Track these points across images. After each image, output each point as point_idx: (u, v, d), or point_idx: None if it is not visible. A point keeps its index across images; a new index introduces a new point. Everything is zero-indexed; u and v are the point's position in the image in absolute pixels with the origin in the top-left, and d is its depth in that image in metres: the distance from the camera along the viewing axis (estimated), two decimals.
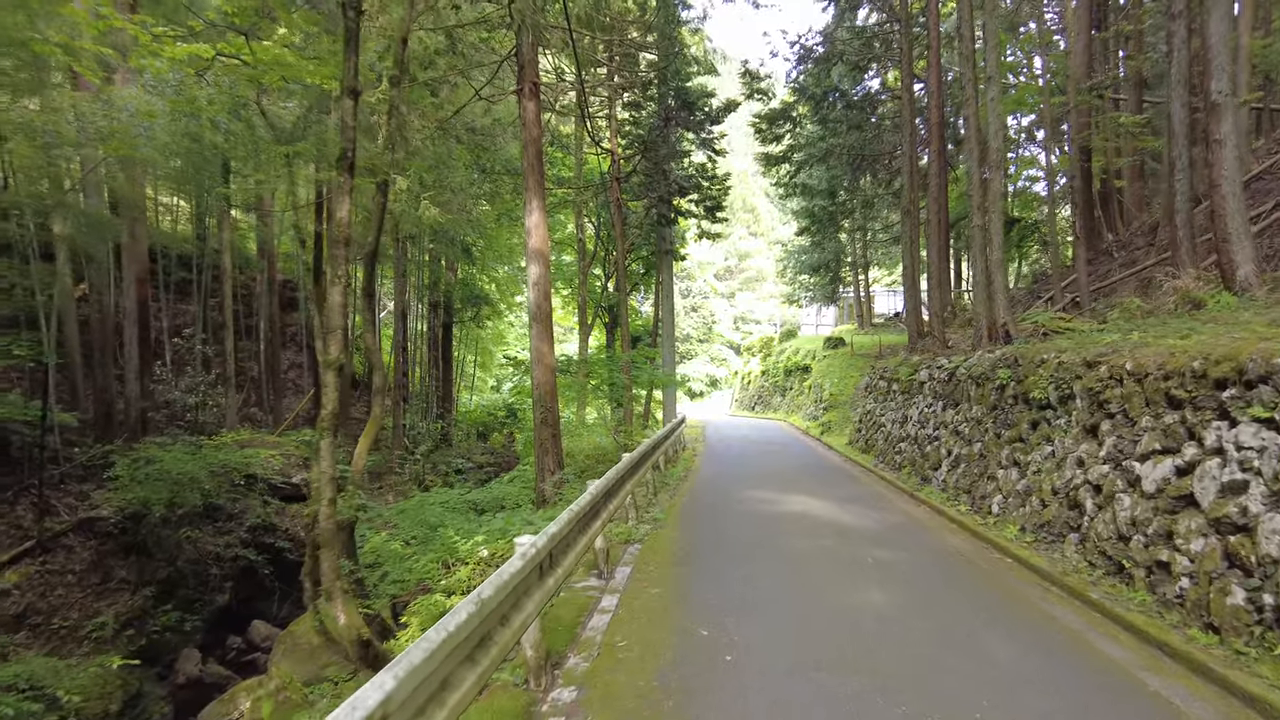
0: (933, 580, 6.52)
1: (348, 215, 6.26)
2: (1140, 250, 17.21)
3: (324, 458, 6.40)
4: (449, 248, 24.65)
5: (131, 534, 14.84)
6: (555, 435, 13.19)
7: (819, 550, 7.61)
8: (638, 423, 22.37)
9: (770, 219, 76.32)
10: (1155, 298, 9.02)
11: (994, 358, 9.98)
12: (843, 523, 9.13)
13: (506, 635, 3.35)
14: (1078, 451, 7.16)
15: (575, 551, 4.86)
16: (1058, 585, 6.24)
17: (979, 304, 12.25)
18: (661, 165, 19.41)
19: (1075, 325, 10.23)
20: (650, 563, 7.08)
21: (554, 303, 38.41)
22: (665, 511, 9.86)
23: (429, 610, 6.90)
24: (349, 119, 6.28)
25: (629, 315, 26.91)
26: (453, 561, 7.84)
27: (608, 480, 6.37)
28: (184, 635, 14.43)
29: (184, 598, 15.19)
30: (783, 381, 34.03)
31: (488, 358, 41.99)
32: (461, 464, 25.34)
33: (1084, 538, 6.64)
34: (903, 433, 13.63)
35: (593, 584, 6.37)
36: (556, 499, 11.59)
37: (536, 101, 13.14)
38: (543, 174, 13.59)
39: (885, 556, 7.35)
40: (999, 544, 7.64)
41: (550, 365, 13.27)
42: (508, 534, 7.97)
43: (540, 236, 13.23)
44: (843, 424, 21.16)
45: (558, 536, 4.17)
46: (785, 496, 11.06)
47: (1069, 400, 7.60)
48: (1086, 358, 7.36)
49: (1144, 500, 5.82)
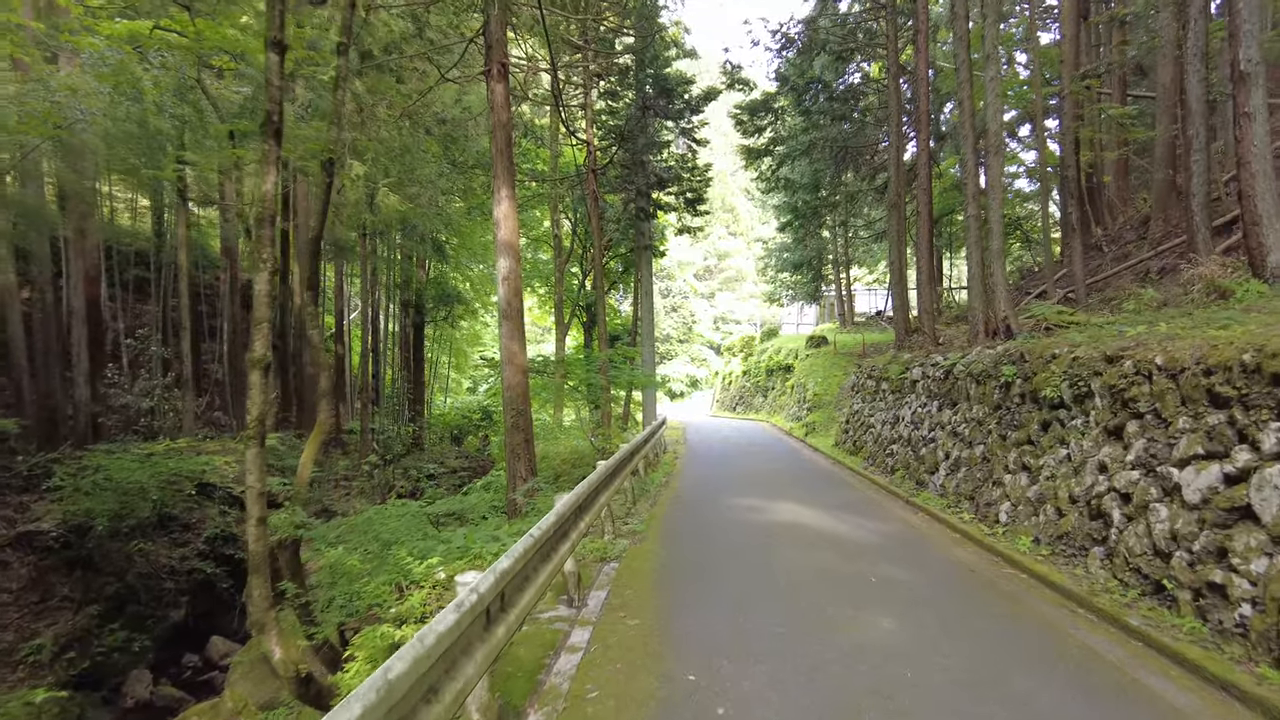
0: (946, 603, 5.79)
1: (274, 189, 5.37)
2: (1131, 244, 16.80)
3: (250, 471, 5.50)
4: (419, 244, 23.63)
5: (76, 548, 13.92)
6: (528, 440, 12.34)
7: (816, 568, 6.86)
8: (616, 425, 21.55)
9: (749, 218, 75.99)
10: (1166, 289, 8.41)
11: (996, 354, 9.32)
12: (838, 534, 8.40)
13: (436, 711, 2.53)
14: (1099, 455, 6.48)
15: (536, 585, 4.04)
16: (1087, 608, 5.54)
17: (974, 298, 11.62)
18: (640, 157, 18.60)
19: (1080, 319, 9.62)
20: (629, 585, 6.26)
21: (530, 302, 37.69)
22: (645, 523, 9.06)
23: (375, 644, 6.02)
24: (274, 77, 5.38)
25: (608, 314, 26.10)
26: (407, 584, 6.97)
27: (578, 495, 5.54)
28: (133, 655, 13.58)
29: (134, 615, 14.32)
30: (764, 381, 33.42)
31: (462, 359, 40.90)
32: (434, 469, 24.37)
33: (1111, 552, 5.95)
34: (894, 434, 12.97)
35: (561, 613, 5.54)
36: (529, 509, 10.75)
37: (505, 84, 12.26)
38: (512, 161, 12.72)
39: (890, 574, 6.61)
40: (1012, 557, 6.95)
41: (522, 366, 12.40)
42: (468, 552, 7.11)
43: (510, 228, 12.36)
44: (828, 424, 20.53)
45: (510, 574, 3.35)
46: (774, 504, 10.31)
47: (1086, 399, 6.93)
48: (1106, 352, 6.68)
49: (1186, 511, 5.14)
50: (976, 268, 11.68)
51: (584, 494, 5.85)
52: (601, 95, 19.35)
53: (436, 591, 6.87)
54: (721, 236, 74.14)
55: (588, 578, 6.47)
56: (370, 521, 8.73)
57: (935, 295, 18.04)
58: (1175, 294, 8.39)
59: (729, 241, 74.57)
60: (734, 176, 76.75)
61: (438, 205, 20.16)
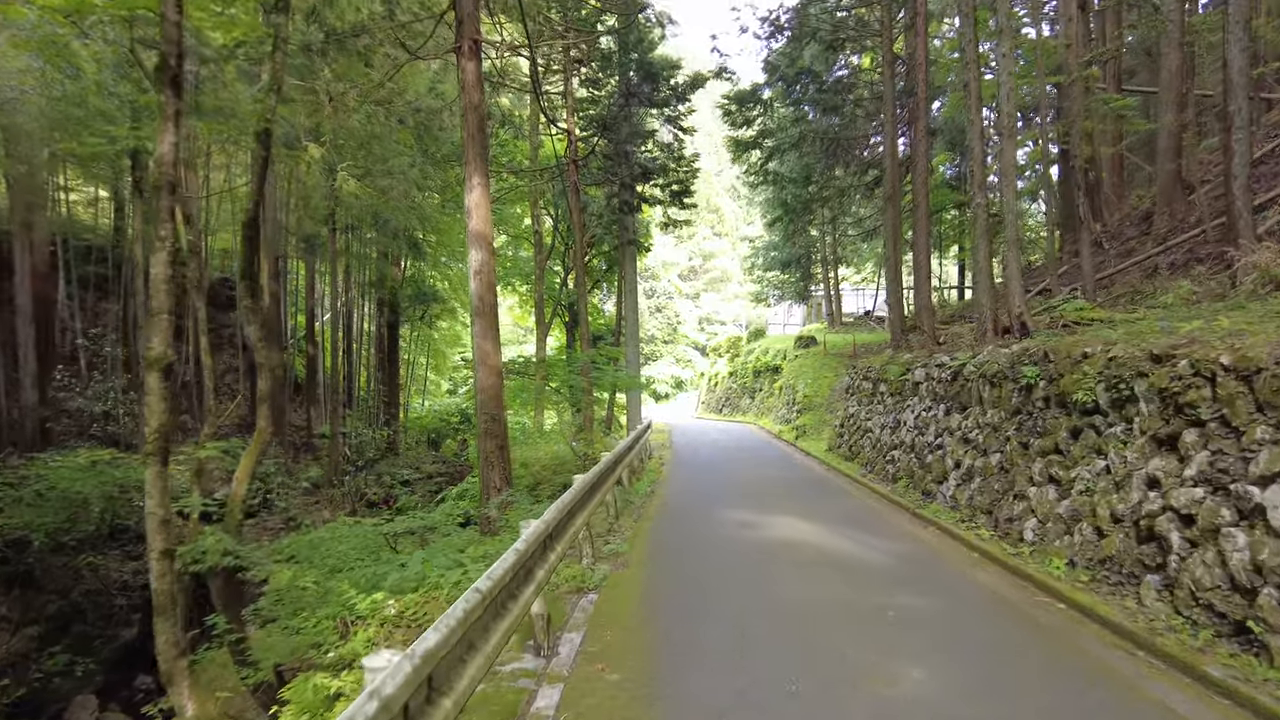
0: (982, 644, 4.92)
1: (171, 151, 4.39)
2: (1133, 240, 16.20)
3: (150, 495, 4.52)
4: (392, 240, 22.52)
5: (14, 563, 12.94)
6: (502, 447, 11.35)
7: (824, 599, 5.97)
8: (599, 429, 20.60)
9: (735, 219, 75.38)
10: (1202, 281, 7.65)
11: (1012, 353, 8.51)
12: (843, 554, 7.53)
13: None
14: (1147, 468, 5.66)
15: (485, 651, 3.09)
16: (1149, 650, 4.70)
17: (982, 293, 10.84)
18: (623, 147, 17.68)
19: (1104, 315, 8.85)
20: (608, 625, 5.33)
21: (511, 301, 36.57)
22: (629, 541, 8.14)
23: (308, 698, 5.06)
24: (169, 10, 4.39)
25: (591, 314, 25.13)
26: (352, 620, 6.00)
27: (546, 524, 4.60)
28: (77, 680, 12.59)
29: (80, 635, 13.34)
30: (752, 383, 32.62)
31: (441, 360, 39.71)
32: (409, 474, 23.32)
33: (1171, 582, 5.12)
34: (895, 440, 12.15)
35: (527, 665, 4.60)
36: (501, 524, 9.79)
37: (477, 62, 11.29)
38: (486, 146, 11.76)
39: (909, 605, 5.74)
40: (1045, 583, 6.11)
41: (496, 367, 11.42)
42: (424, 581, 6.15)
43: (482, 217, 11.39)
44: (819, 427, 19.73)
45: (437, 655, 2.42)
46: (769, 518, 9.43)
47: (1127, 403, 6.11)
48: (1153, 350, 5.87)
49: (1273, 539, 4.31)
50: (984, 261, 10.91)
51: (555, 520, 4.90)
52: (583, 83, 18.41)
53: (386, 629, 5.90)
54: (706, 237, 73.42)
55: (560, 616, 5.53)
56: (317, 544, 7.72)
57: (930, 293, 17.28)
58: (1210, 287, 7.62)
59: (714, 242, 73.86)
60: (719, 176, 76.16)
61: (412, 199, 19.10)
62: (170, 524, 4.80)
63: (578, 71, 17.91)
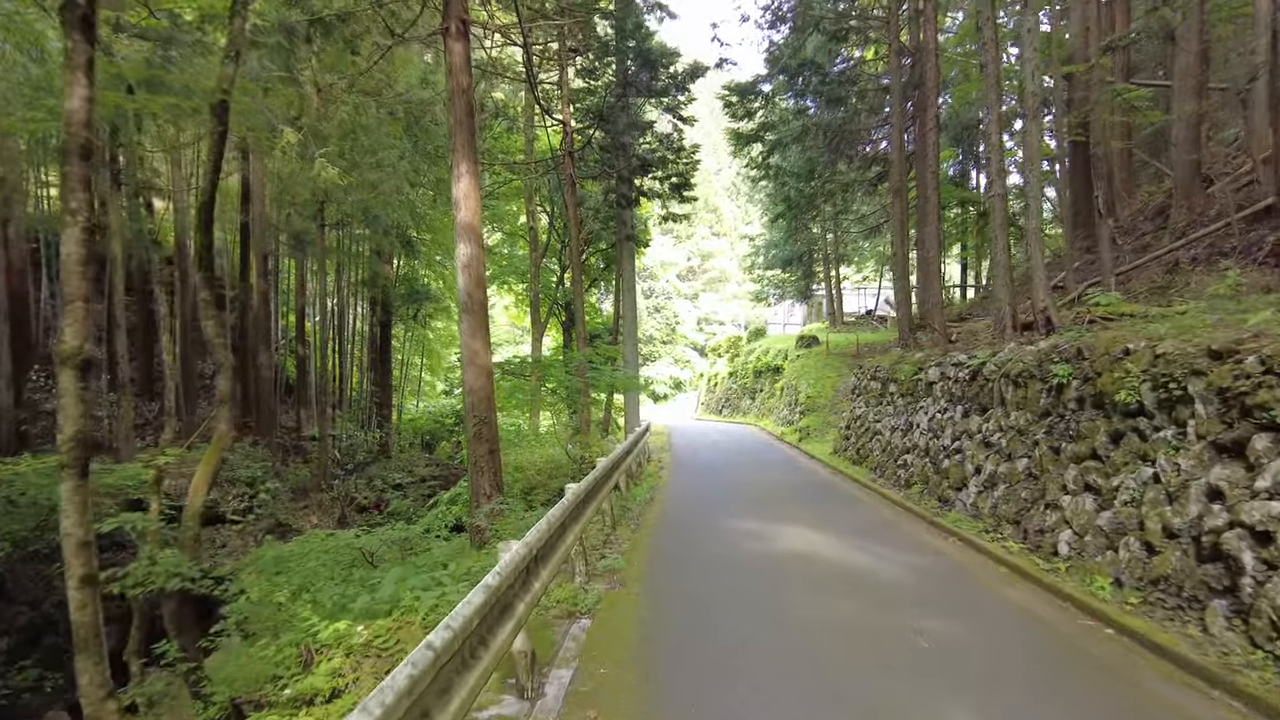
0: (1030, 683, 4.29)
1: (83, 107, 3.76)
2: (1148, 235, 15.63)
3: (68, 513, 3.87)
4: (384, 237, 21.87)
5: None
6: (493, 452, 10.69)
7: (845, 623, 5.34)
8: (596, 431, 19.95)
9: (733, 219, 74.79)
10: (1251, 273, 7.06)
11: (1038, 351, 7.89)
12: (862, 570, 6.90)
13: None
14: (1207, 478, 5.04)
15: (447, 713, 2.47)
16: (1226, 690, 4.07)
17: (1000, 287, 10.22)
18: (621, 139, 17.04)
19: (1133, 309, 8.24)
20: (602, 660, 4.69)
21: (506, 300, 35.87)
22: (626, 556, 7.50)
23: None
24: None
25: (588, 313, 24.48)
26: (316, 648, 5.37)
27: (529, 546, 3.96)
28: (47, 695, 11.98)
29: (51, 648, 12.70)
30: (752, 383, 31.98)
31: (436, 360, 38.99)
32: (401, 478, 22.69)
33: (1244, 609, 4.50)
34: (907, 443, 11.52)
35: (507, 710, 3.96)
36: (491, 534, 9.15)
37: (465, 43, 10.66)
38: (474, 132, 11.13)
39: (941, 632, 5.11)
40: (1089, 605, 5.49)
41: (485, 367, 10.76)
42: (397, 605, 5.51)
43: (471, 209, 10.77)
44: (823, 429, 19.10)
45: (395, 713, 1.80)
46: (777, 527, 8.79)
47: (1178, 404, 5.49)
48: (1212, 345, 5.25)
49: None
50: (1002, 254, 10.30)
51: (540, 540, 4.26)
52: (579, 73, 17.78)
53: (354, 659, 5.26)
54: (705, 237, 72.82)
55: (548, 647, 4.89)
56: (285, 559, 7.06)
57: (940, 289, 16.68)
58: (1255, 279, 7.01)
59: (713, 242, 73.25)
60: (718, 175, 75.64)
61: (403, 194, 18.45)
62: (91, 546, 4.15)
63: (573, 61, 17.29)
